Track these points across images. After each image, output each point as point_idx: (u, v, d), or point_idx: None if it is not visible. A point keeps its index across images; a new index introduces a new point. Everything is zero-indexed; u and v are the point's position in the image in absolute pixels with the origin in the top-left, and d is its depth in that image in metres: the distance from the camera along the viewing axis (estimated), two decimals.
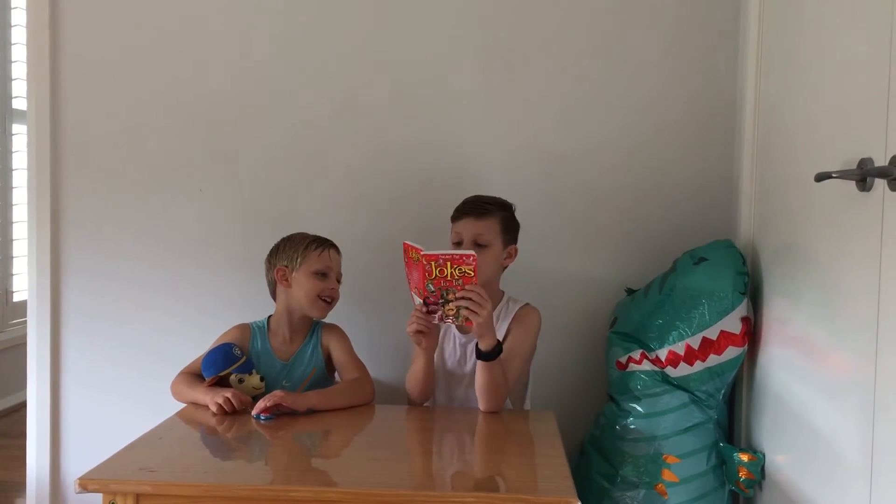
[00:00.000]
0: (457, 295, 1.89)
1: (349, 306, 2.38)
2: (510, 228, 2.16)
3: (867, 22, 1.51)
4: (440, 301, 1.90)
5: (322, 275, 2.16)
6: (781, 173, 2.02)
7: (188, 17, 2.51)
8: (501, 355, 1.99)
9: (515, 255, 2.18)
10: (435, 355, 2.13)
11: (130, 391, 2.55)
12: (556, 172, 2.45)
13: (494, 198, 2.18)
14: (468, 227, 2.12)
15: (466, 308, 1.89)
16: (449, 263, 1.87)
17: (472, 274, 1.88)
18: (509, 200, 2.21)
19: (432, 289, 1.89)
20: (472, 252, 1.89)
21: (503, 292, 2.21)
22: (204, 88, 2.52)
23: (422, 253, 1.87)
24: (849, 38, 1.60)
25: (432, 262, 1.86)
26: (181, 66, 2.52)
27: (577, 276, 2.47)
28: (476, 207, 2.14)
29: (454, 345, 2.18)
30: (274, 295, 2.24)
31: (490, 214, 2.13)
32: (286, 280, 2.17)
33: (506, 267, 2.20)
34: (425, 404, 2.17)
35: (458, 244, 2.12)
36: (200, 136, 2.53)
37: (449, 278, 1.88)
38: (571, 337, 2.44)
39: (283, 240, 2.23)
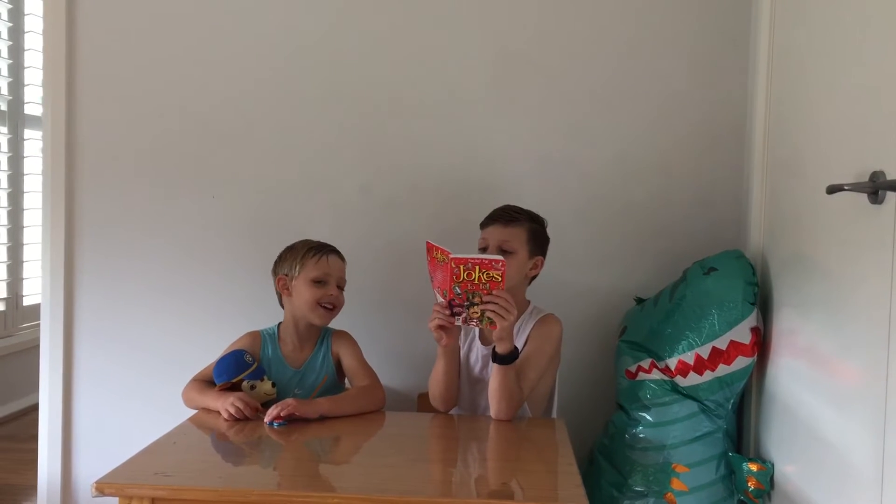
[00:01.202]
0: (484, 299, 1.91)
1: (359, 312, 2.40)
2: (537, 239, 2.18)
3: (879, 34, 1.52)
4: (465, 304, 1.92)
5: (320, 282, 2.16)
6: (792, 184, 2.03)
7: (202, 25, 2.54)
8: (517, 363, 2.00)
9: (541, 266, 2.19)
10: (459, 364, 2.15)
11: (142, 395, 2.56)
12: (565, 182, 2.47)
13: (525, 209, 2.20)
14: (495, 234, 2.14)
15: (493, 312, 1.90)
16: (478, 268, 1.88)
17: (500, 279, 1.89)
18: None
19: (458, 291, 1.90)
20: (501, 258, 1.91)
21: (529, 302, 2.22)
22: (217, 96, 2.54)
23: (450, 256, 1.88)
24: (861, 50, 1.61)
25: (461, 266, 1.88)
26: (195, 74, 2.54)
27: (587, 285, 2.48)
28: (504, 215, 2.17)
29: (477, 354, 2.20)
30: (282, 303, 2.25)
31: (517, 223, 2.15)
32: (287, 289, 2.19)
33: (533, 278, 2.21)
34: (450, 412, 2.18)
35: (483, 250, 2.14)
36: (213, 143, 2.55)
37: (476, 282, 1.89)
38: (581, 345, 2.44)
39: (285, 249, 2.24)
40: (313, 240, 2.24)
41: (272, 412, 1.95)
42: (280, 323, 2.26)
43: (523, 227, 2.15)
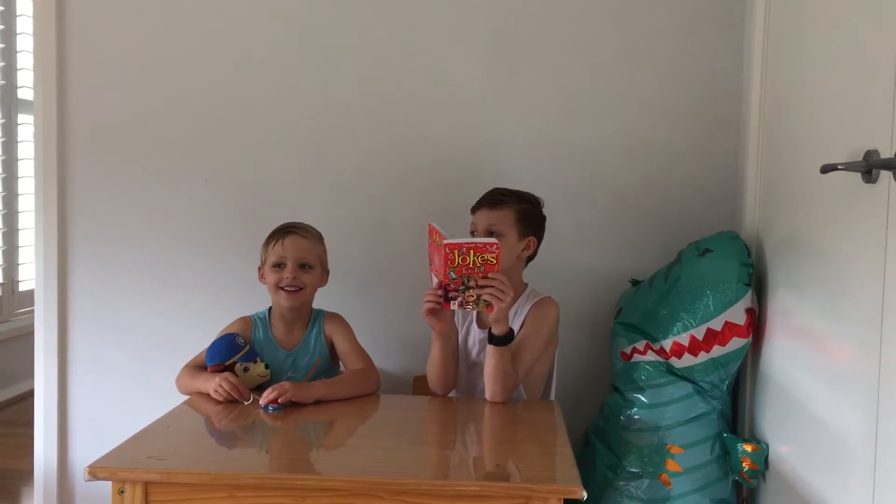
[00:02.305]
0: (479, 282, 1.90)
1: (354, 296, 2.41)
2: (526, 220, 2.14)
3: (874, 13, 1.51)
4: (461, 288, 1.91)
5: (278, 265, 2.15)
6: (787, 165, 2.02)
7: (194, 10, 2.51)
8: (512, 345, 2.00)
9: (534, 247, 2.17)
10: (456, 348, 2.15)
11: (137, 380, 2.56)
12: (560, 164, 2.45)
13: (515, 190, 2.17)
14: (482, 218, 2.13)
15: (490, 294, 1.90)
16: (472, 252, 1.88)
17: (495, 262, 1.89)
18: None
19: (454, 276, 1.90)
20: (495, 240, 1.91)
21: (526, 284, 2.21)
22: (209, 80, 2.52)
23: (444, 241, 1.87)
24: (855, 30, 1.60)
25: (455, 251, 1.87)
26: (187, 58, 2.52)
27: (582, 268, 2.47)
28: (491, 198, 2.15)
29: (474, 338, 2.19)
30: None
31: (504, 205, 2.13)
32: (263, 278, 2.19)
33: (530, 259, 2.19)
34: (448, 395, 2.18)
35: (473, 234, 2.13)
36: (206, 127, 2.53)
37: (471, 266, 1.89)
38: (576, 328, 2.44)
39: None
40: (286, 223, 2.22)
41: (268, 395, 1.94)
42: (270, 307, 2.25)
43: (511, 209, 2.13)
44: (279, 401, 1.93)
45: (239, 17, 2.50)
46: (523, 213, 2.15)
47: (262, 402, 1.95)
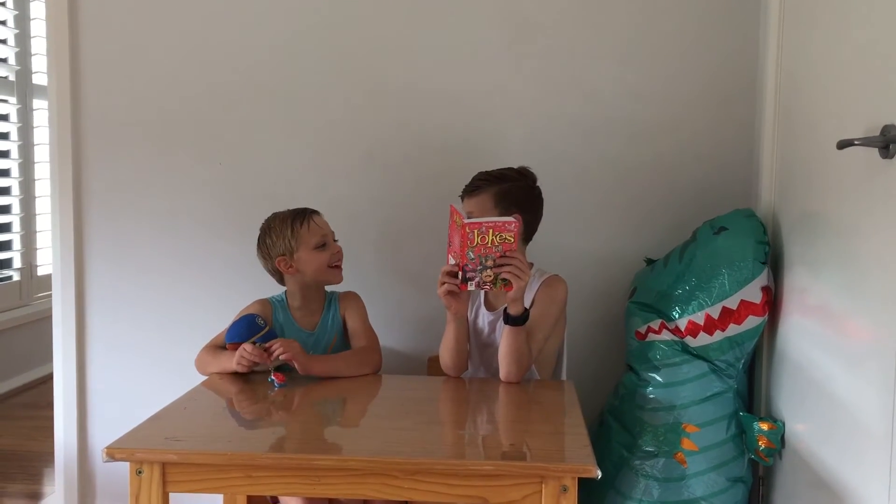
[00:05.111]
0: (497, 262, 1.90)
1: (368, 277, 2.41)
2: (508, 199, 2.09)
3: None
4: (478, 268, 1.91)
5: (322, 245, 2.17)
6: (803, 141, 2.00)
7: None
8: (527, 324, 2.00)
9: (519, 222, 2.02)
10: (468, 330, 2.15)
11: (155, 361, 2.58)
12: (575, 143, 2.44)
13: (497, 171, 2.14)
14: (465, 206, 2.13)
15: (509, 273, 1.89)
16: (491, 231, 1.88)
17: (513, 240, 1.89)
18: (529, 170, 2.18)
19: (472, 256, 1.90)
20: (513, 219, 1.90)
21: (532, 264, 2.20)
22: (222, 63, 2.52)
23: (464, 221, 1.87)
24: (871, 4, 1.58)
25: (475, 230, 1.87)
26: (200, 41, 2.52)
27: (597, 247, 2.46)
28: (469, 185, 2.15)
29: (483, 320, 2.19)
30: (282, 281, 2.24)
31: (480, 191, 2.11)
32: (291, 267, 2.17)
33: (530, 236, 2.16)
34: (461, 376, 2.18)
35: None
36: (220, 110, 2.53)
37: (489, 245, 1.89)
38: (591, 307, 2.44)
39: (264, 231, 2.20)
40: (281, 211, 2.21)
41: (276, 345, 2.01)
42: (286, 291, 2.26)
43: (487, 193, 2.10)
44: (276, 353, 1.99)
45: (252, 2, 2.50)
46: (502, 193, 2.10)
47: (273, 353, 2.01)
